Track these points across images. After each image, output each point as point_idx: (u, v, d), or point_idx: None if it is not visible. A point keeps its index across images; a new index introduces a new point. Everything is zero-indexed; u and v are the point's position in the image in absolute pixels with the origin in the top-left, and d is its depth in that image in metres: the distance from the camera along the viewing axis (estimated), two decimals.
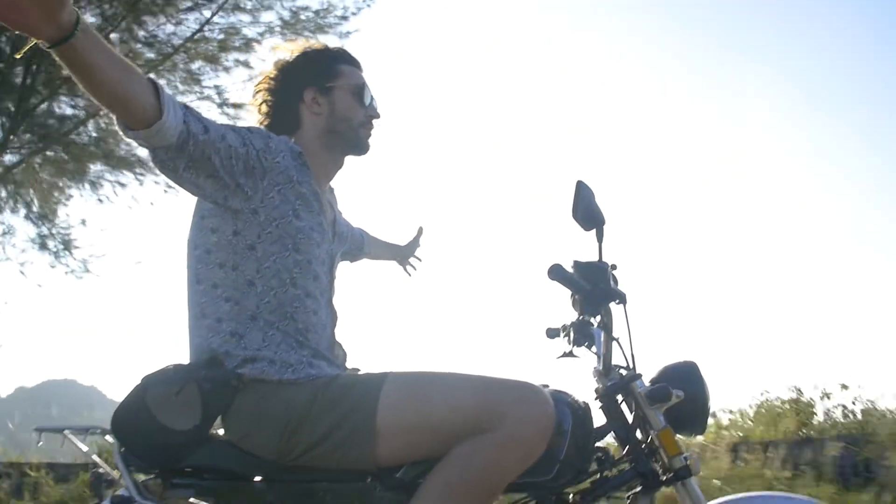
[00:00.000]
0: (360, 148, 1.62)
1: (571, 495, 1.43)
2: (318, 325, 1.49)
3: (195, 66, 7.36)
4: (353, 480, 1.38)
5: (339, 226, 1.67)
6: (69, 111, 7.52)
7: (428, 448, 1.31)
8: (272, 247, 1.44)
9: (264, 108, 1.62)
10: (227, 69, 7.41)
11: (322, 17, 7.38)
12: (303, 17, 7.40)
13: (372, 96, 1.63)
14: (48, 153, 7.53)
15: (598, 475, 1.43)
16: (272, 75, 1.62)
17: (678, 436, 1.44)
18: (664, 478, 1.38)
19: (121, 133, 1.23)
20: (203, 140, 1.28)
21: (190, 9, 7.07)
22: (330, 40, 7.31)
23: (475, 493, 1.27)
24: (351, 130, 1.59)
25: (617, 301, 1.38)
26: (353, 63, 1.65)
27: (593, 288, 1.35)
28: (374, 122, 1.63)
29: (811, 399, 4.47)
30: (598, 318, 1.40)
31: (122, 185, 7.90)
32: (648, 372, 1.49)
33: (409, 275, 2.22)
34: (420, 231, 2.22)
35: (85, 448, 1.56)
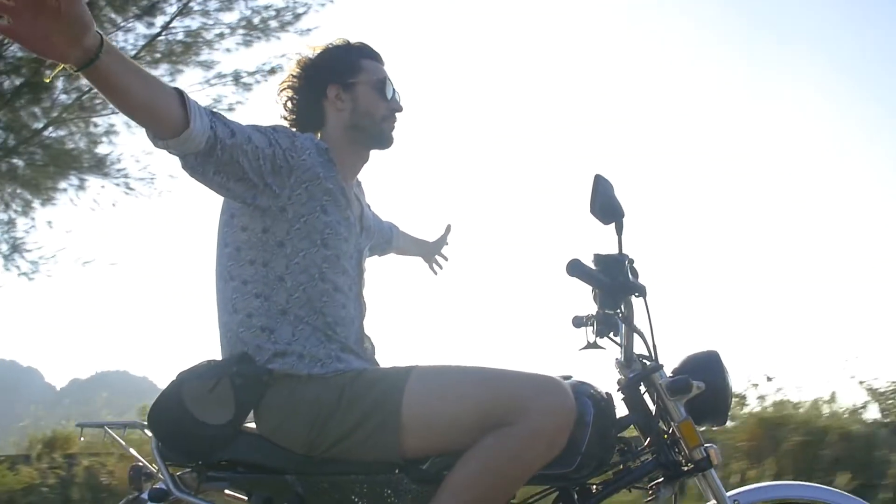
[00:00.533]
0: (385, 141, 1.65)
1: (594, 486, 1.45)
2: (347, 318, 1.53)
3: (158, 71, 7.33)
4: (381, 472, 1.42)
5: (366, 220, 1.69)
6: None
7: (452, 441, 1.34)
8: (301, 243, 1.47)
9: (290, 105, 1.65)
10: (183, 71, 7.37)
11: (281, 16, 7.41)
12: (258, 19, 7.40)
13: (394, 89, 1.65)
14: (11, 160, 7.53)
15: (621, 466, 1.45)
16: (295, 73, 1.65)
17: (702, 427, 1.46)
18: (686, 469, 1.39)
19: (151, 143, 1.27)
20: (230, 144, 1.32)
21: (147, 12, 7.06)
22: (290, 38, 7.32)
23: (499, 484, 1.30)
24: (374, 125, 1.62)
25: (637, 294, 1.39)
26: (375, 57, 1.67)
27: (612, 281, 1.36)
28: (398, 115, 1.66)
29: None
30: (619, 310, 1.41)
31: (83, 189, 7.81)
32: (671, 362, 1.50)
33: (435, 273, 2.23)
34: (448, 229, 2.23)
35: (123, 443, 1.62)
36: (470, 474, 1.30)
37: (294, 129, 1.54)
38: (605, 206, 1.36)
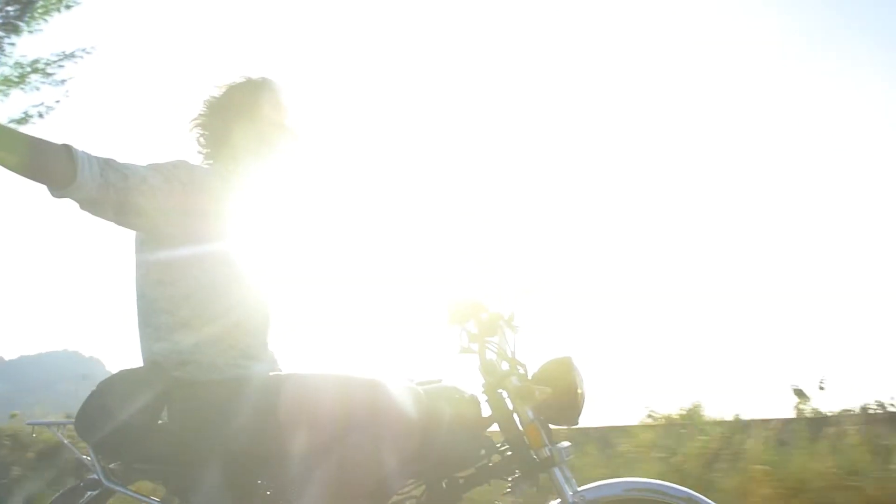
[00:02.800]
0: (289, 166, 1.83)
1: (461, 479, 1.60)
2: (250, 328, 1.71)
3: None
4: (270, 466, 1.61)
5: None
6: None
7: (323, 440, 1.51)
8: (203, 263, 1.66)
9: (201, 140, 1.84)
10: None
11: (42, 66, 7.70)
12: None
13: (293, 115, 1.83)
14: None
15: (485, 462, 1.60)
16: (202, 111, 1.84)
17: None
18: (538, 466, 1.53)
19: (49, 194, 1.46)
20: (123, 187, 1.50)
21: None
22: (50, 91, 7.74)
23: (356, 480, 1.47)
24: (277, 150, 1.80)
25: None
26: (273, 88, 1.84)
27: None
28: (298, 140, 1.84)
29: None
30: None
31: None
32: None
33: None
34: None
35: (66, 440, 1.86)
36: (332, 470, 1.47)
37: (194, 164, 1.71)
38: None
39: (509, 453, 1.57)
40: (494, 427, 1.62)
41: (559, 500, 1.49)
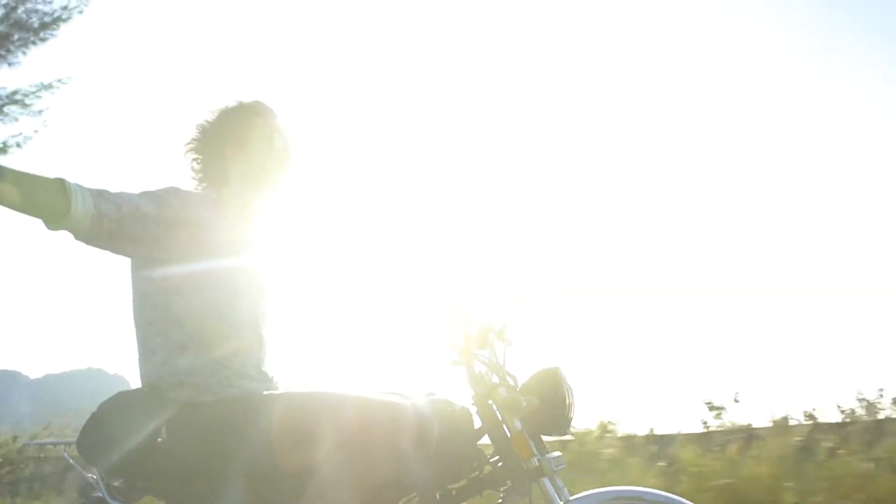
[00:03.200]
0: (279, 186, 1.87)
1: (454, 490, 1.62)
2: (244, 349, 1.75)
3: None
4: (267, 483, 1.64)
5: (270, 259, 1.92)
6: None
7: (315, 456, 1.54)
8: (196, 287, 1.70)
9: (195, 165, 1.89)
10: None
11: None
12: None
13: (284, 139, 1.87)
14: None
15: (476, 473, 1.61)
16: (195, 136, 1.88)
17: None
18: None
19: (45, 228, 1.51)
20: (117, 217, 1.54)
21: None
22: (28, 121, 8.03)
23: (347, 494, 1.50)
24: (268, 174, 1.84)
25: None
26: (264, 113, 1.89)
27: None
28: (291, 164, 1.88)
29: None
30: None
31: None
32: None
33: None
34: None
35: (71, 460, 1.91)
36: (324, 486, 1.50)
37: (186, 190, 1.76)
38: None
39: (500, 464, 1.59)
40: (486, 439, 1.64)
41: None
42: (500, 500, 1.58)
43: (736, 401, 3.94)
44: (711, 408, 3.96)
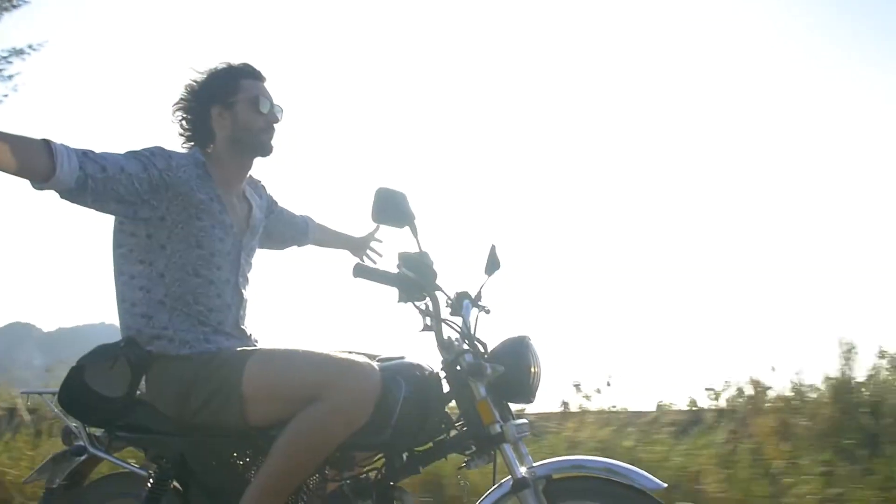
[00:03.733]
0: (264, 150, 1.88)
1: (421, 453, 1.66)
2: (222, 306, 1.78)
3: None
4: (239, 437, 1.69)
5: (254, 219, 1.93)
6: None
7: (283, 412, 1.58)
8: (178, 245, 1.73)
9: (183, 124, 1.90)
10: None
11: None
12: None
13: (271, 103, 1.87)
14: None
15: (443, 436, 1.65)
16: (184, 96, 1.89)
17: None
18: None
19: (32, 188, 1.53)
20: (102, 178, 1.57)
21: None
22: None
23: (309, 450, 1.54)
24: (253, 137, 1.85)
25: (430, 288, 1.57)
26: (254, 75, 1.88)
27: (408, 278, 1.55)
28: (275, 125, 1.88)
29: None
30: (424, 302, 1.59)
31: None
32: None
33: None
34: (377, 228, 2.39)
35: (56, 409, 1.96)
36: (287, 441, 1.54)
37: (171, 150, 1.77)
38: (396, 212, 1.53)
39: (465, 429, 1.62)
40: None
41: (510, 476, 1.53)
42: (464, 464, 1.62)
43: (608, 384, 4.03)
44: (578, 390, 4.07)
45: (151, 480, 1.73)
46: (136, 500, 1.81)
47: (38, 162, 1.48)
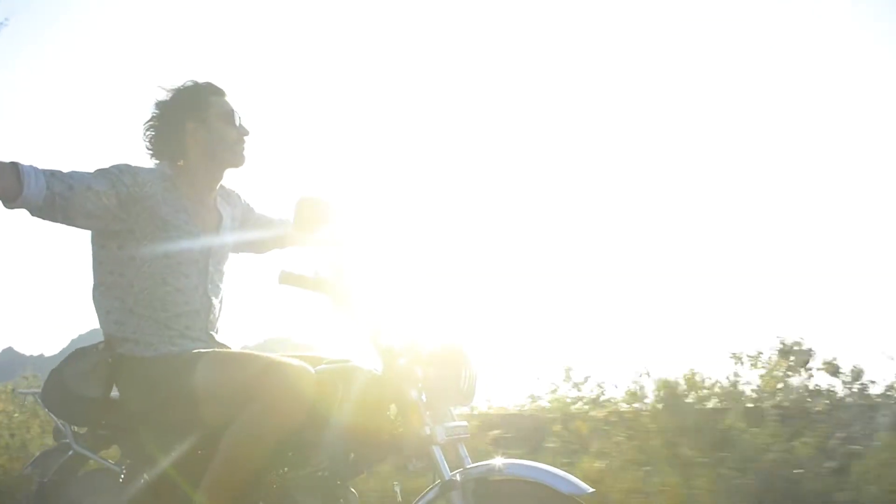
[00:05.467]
0: (237, 162, 1.98)
1: (365, 454, 1.70)
2: (190, 312, 1.88)
3: None
4: (200, 434, 1.77)
5: (223, 228, 2.02)
6: None
7: (229, 412, 1.65)
8: (147, 255, 1.83)
9: (154, 140, 2.00)
10: None
11: None
12: None
13: (240, 117, 1.97)
14: None
15: (385, 438, 1.69)
16: (155, 113, 1.99)
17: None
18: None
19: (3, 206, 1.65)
20: (69, 196, 1.68)
21: None
22: None
23: (247, 445, 1.62)
24: (228, 149, 1.95)
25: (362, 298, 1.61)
26: (220, 93, 1.99)
27: (336, 286, 1.59)
28: (245, 138, 1.98)
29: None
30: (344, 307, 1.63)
31: None
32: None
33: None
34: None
35: (45, 408, 2.12)
36: (229, 438, 1.62)
37: (137, 166, 1.87)
38: (319, 222, 1.58)
39: (401, 431, 1.65)
40: None
41: (439, 480, 1.55)
42: (407, 465, 1.64)
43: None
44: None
45: (123, 476, 1.84)
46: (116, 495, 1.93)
47: (6, 183, 1.60)
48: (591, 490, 1.45)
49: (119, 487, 1.84)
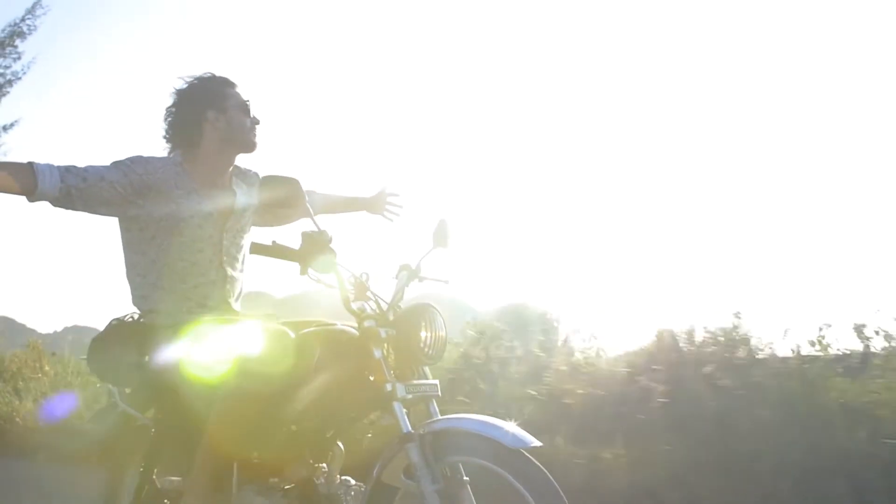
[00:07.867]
0: (251, 148, 2.18)
1: (349, 413, 1.83)
2: (207, 283, 2.10)
3: None
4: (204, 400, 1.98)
5: (237, 205, 2.19)
6: None
7: (222, 375, 1.85)
8: (164, 235, 2.06)
9: (173, 125, 2.18)
10: None
11: None
12: None
13: (253, 107, 2.16)
14: None
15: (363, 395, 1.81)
16: (175, 101, 2.18)
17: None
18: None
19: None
20: (84, 187, 1.92)
21: None
22: None
23: (237, 400, 1.81)
24: (244, 136, 2.15)
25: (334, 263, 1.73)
26: (235, 85, 2.19)
27: (308, 253, 1.71)
28: (258, 127, 2.17)
29: None
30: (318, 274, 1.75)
31: None
32: None
33: (391, 220, 2.55)
34: (390, 181, 2.55)
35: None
36: (225, 401, 1.82)
37: (148, 156, 2.09)
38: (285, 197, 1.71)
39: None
40: None
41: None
42: (378, 420, 1.76)
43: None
44: None
45: (153, 431, 2.10)
46: None
47: (20, 181, 1.83)
48: (537, 443, 1.49)
49: (149, 444, 2.10)
